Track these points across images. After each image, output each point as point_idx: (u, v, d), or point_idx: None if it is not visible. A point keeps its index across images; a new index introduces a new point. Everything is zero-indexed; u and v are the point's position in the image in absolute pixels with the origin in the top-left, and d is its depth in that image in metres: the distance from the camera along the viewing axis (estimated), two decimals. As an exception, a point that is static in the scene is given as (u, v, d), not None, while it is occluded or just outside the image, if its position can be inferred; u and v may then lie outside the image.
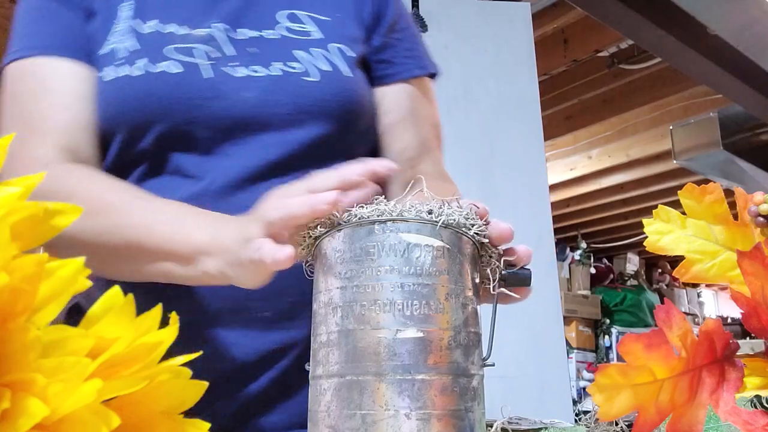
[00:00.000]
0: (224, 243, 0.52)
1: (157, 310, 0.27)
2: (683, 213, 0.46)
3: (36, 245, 0.23)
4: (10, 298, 0.22)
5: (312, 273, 0.48)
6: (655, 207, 0.48)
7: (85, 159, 0.68)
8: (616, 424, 0.54)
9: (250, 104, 0.69)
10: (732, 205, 0.45)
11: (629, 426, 0.37)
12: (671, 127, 3.67)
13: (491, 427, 0.55)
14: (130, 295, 0.26)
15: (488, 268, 0.47)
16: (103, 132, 0.69)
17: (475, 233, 0.46)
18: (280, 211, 0.48)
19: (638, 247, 6.18)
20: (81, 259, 0.24)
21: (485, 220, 0.47)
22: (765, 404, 0.46)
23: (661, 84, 3.27)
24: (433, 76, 0.85)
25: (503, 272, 0.48)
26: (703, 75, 2.64)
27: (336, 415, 0.41)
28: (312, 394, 0.44)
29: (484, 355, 0.46)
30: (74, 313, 0.70)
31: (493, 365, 0.47)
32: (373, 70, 0.79)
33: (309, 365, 0.46)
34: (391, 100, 0.79)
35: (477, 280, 0.46)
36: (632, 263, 6.34)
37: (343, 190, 0.47)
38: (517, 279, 0.48)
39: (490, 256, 0.48)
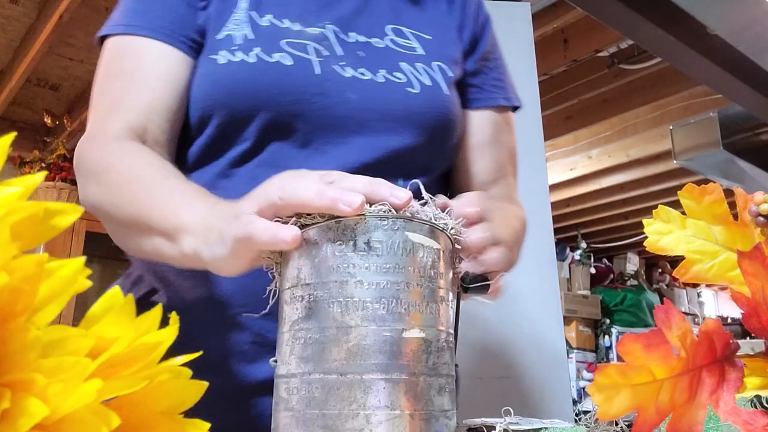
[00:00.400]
0: (210, 222, 0.51)
1: (157, 310, 0.27)
2: (683, 213, 0.46)
3: (36, 245, 0.23)
4: (10, 298, 0.22)
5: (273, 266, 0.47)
6: (655, 207, 0.48)
7: (152, 139, 0.69)
8: (616, 424, 0.54)
9: (352, 105, 0.71)
10: (732, 206, 0.45)
11: (629, 426, 0.37)
12: (671, 127, 3.67)
13: (494, 429, 0.55)
14: (130, 296, 0.26)
15: (454, 271, 0.48)
16: (203, 112, 0.71)
17: (448, 232, 0.46)
18: (289, 193, 0.45)
19: (638, 247, 6.18)
20: (81, 259, 0.24)
21: (457, 221, 0.47)
22: (765, 404, 0.46)
23: (661, 84, 3.26)
24: (516, 108, 0.89)
25: (464, 277, 0.48)
26: (703, 75, 2.64)
27: (302, 414, 0.42)
28: (275, 391, 0.44)
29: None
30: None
31: (457, 366, 0.46)
32: (465, 93, 0.83)
33: (274, 360, 0.45)
34: (476, 125, 0.83)
35: (450, 280, 0.46)
36: (632, 263, 6.34)
37: (367, 200, 0.44)
38: (476, 287, 0.48)
39: (461, 259, 0.48)
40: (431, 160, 0.77)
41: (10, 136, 0.24)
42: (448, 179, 0.85)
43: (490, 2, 1.72)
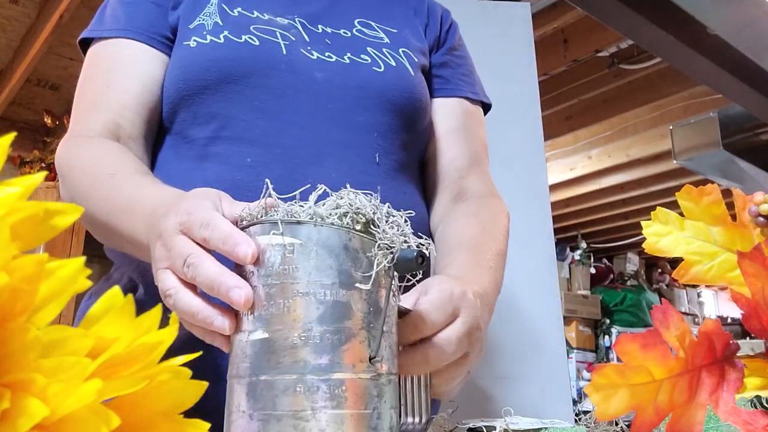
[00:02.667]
0: (148, 239, 0.51)
1: (157, 310, 0.27)
2: (682, 214, 0.46)
3: (36, 245, 0.23)
4: (10, 298, 0.22)
5: None
6: (655, 207, 0.48)
7: (125, 135, 0.72)
8: (616, 424, 0.54)
9: (318, 83, 0.74)
10: (730, 206, 0.45)
11: (629, 426, 0.37)
12: (671, 127, 3.67)
13: (494, 429, 0.54)
14: (130, 296, 0.26)
15: (372, 258, 0.44)
16: (175, 96, 0.73)
17: (342, 223, 0.43)
18: (192, 270, 0.44)
19: (638, 247, 6.17)
20: (81, 259, 0.24)
21: (353, 209, 0.44)
22: (765, 404, 0.46)
23: (661, 84, 3.27)
24: (485, 107, 0.92)
25: (386, 259, 0.44)
26: (703, 75, 2.64)
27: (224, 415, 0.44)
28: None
29: (371, 354, 0.42)
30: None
31: (374, 365, 0.42)
32: (432, 83, 0.86)
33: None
34: (446, 112, 0.86)
35: (353, 273, 0.43)
36: (632, 263, 6.35)
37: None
38: (405, 263, 0.44)
39: (377, 244, 0.44)
40: (405, 140, 0.78)
41: (10, 136, 0.24)
42: (422, 174, 0.86)
43: (490, 2, 1.72)
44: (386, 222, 0.45)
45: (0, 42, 2.85)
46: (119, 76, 0.74)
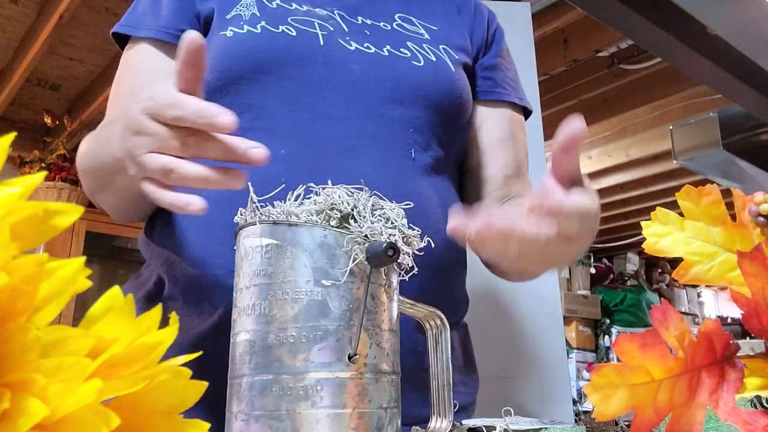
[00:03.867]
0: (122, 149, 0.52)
1: (157, 311, 0.27)
2: (681, 214, 0.46)
3: (36, 245, 0.23)
4: (10, 298, 0.22)
5: None
6: (655, 207, 0.48)
7: None
8: (616, 423, 0.54)
9: (356, 75, 0.73)
10: (730, 206, 0.45)
11: (629, 426, 0.37)
12: (671, 127, 3.67)
13: (494, 429, 0.54)
14: (130, 296, 0.26)
15: (349, 252, 0.43)
16: (209, 86, 0.73)
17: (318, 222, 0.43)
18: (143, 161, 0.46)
19: (638, 247, 6.17)
20: (81, 259, 0.24)
21: (328, 205, 0.44)
22: (765, 404, 0.46)
23: (661, 84, 3.26)
24: (527, 114, 0.92)
25: (363, 254, 0.43)
26: (703, 75, 2.64)
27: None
28: None
29: (350, 352, 0.42)
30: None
31: (354, 363, 0.42)
32: (479, 85, 0.85)
33: None
34: (496, 120, 0.85)
35: (330, 270, 0.42)
36: (632, 263, 6.34)
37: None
38: (376, 257, 0.42)
39: (346, 239, 0.43)
40: (442, 137, 0.77)
41: (10, 136, 0.24)
42: (461, 179, 0.86)
43: (490, 2, 1.72)
44: (372, 215, 0.44)
45: (0, 42, 2.85)
46: (148, 75, 0.75)
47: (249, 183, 0.47)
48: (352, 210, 0.44)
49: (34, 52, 2.66)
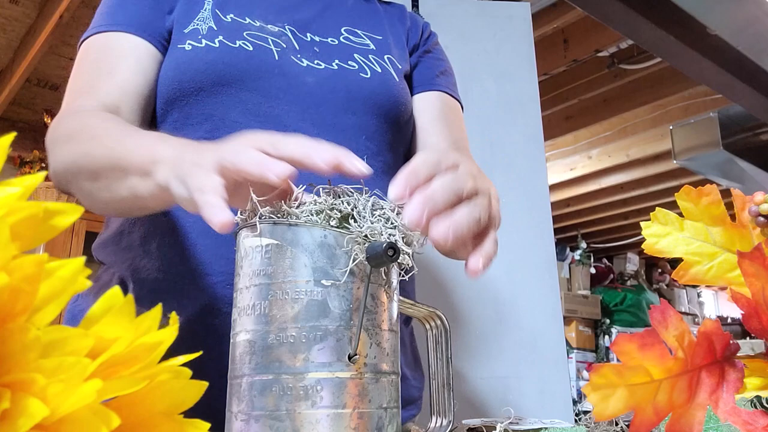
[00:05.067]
0: (183, 155, 0.51)
1: (157, 310, 0.27)
2: (681, 215, 0.46)
3: (36, 245, 0.23)
4: (10, 298, 0.22)
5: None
6: (655, 207, 0.48)
7: (124, 117, 0.73)
8: (616, 423, 0.54)
9: (308, 88, 0.76)
10: (729, 206, 0.45)
11: (629, 426, 0.37)
12: (671, 127, 3.67)
13: (494, 429, 0.54)
14: (130, 296, 0.26)
15: (350, 252, 0.43)
16: (168, 96, 0.75)
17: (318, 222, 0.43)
18: (235, 159, 0.45)
19: (638, 247, 6.17)
20: (81, 259, 0.24)
21: (328, 205, 0.44)
22: (765, 404, 0.46)
23: (661, 84, 3.27)
24: (461, 106, 0.94)
25: (363, 254, 0.42)
26: (703, 75, 2.64)
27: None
28: None
29: (350, 352, 0.42)
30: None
31: (354, 363, 0.41)
32: (411, 84, 0.90)
33: None
34: (425, 103, 0.89)
35: (330, 270, 0.42)
36: (632, 263, 6.34)
37: (302, 166, 0.44)
38: (375, 256, 0.42)
39: (346, 239, 0.43)
40: (390, 142, 0.82)
41: (10, 136, 0.24)
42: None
43: (490, 2, 1.72)
44: (372, 215, 0.44)
45: (0, 42, 2.85)
46: (120, 65, 0.74)
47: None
48: (352, 210, 0.44)
49: (34, 52, 2.67)
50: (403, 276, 0.47)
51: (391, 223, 0.44)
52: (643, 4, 2.23)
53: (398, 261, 0.43)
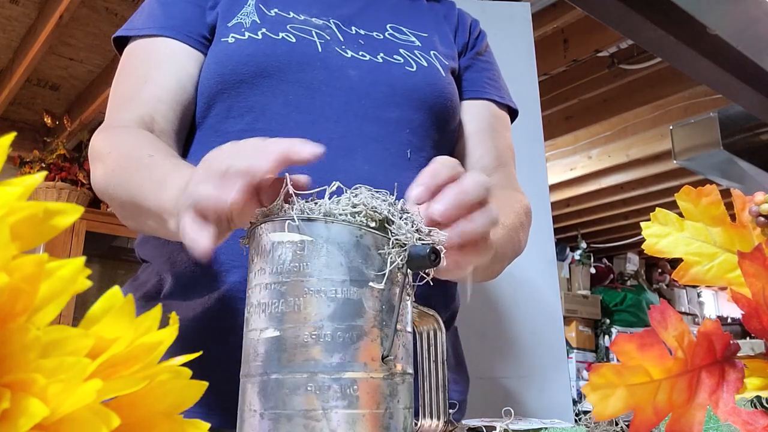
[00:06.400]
0: (180, 201, 0.50)
1: (157, 310, 0.27)
2: (681, 215, 0.46)
3: (36, 245, 0.23)
4: (10, 298, 0.22)
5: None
6: (655, 207, 0.48)
7: (158, 129, 0.73)
8: (616, 423, 0.54)
9: (353, 80, 0.76)
10: (729, 206, 0.45)
11: (629, 426, 0.37)
12: (671, 127, 3.67)
13: (494, 429, 0.54)
14: (130, 296, 0.26)
15: (385, 255, 0.43)
16: (211, 90, 0.75)
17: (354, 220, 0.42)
18: (194, 195, 0.45)
19: (638, 247, 6.16)
20: (81, 259, 0.24)
21: (369, 207, 0.43)
22: (765, 404, 0.46)
23: (661, 84, 3.26)
24: (512, 113, 0.94)
25: (400, 257, 0.43)
26: (703, 75, 2.64)
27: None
28: None
29: (384, 353, 0.42)
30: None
31: (387, 363, 0.42)
32: (460, 87, 0.88)
33: None
34: (474, 113, 0.88)
35: (365, 270, 0.42)
36: (632, 263, 6.34)
37: (256, 178, 0.44)
38: (418, 260, 0.42)
39: (390, 241, 0.43)
40: (435, 138, 0.80)
41: (10, 136, 0.24)
42: None
43: (490, 2, 1.72)
44: (401, 219, 0.44)
45: (0, 42, 2.85)
46: (156, 72, 0.75)
47: (287, 175, 0.46)
48: (388, 213, 0.44)
49: (34, 52, 2.67)
50: (424, 280, 0.48)
51: (417, 228, 0.45)
52: (643, 4, 2.22)
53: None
